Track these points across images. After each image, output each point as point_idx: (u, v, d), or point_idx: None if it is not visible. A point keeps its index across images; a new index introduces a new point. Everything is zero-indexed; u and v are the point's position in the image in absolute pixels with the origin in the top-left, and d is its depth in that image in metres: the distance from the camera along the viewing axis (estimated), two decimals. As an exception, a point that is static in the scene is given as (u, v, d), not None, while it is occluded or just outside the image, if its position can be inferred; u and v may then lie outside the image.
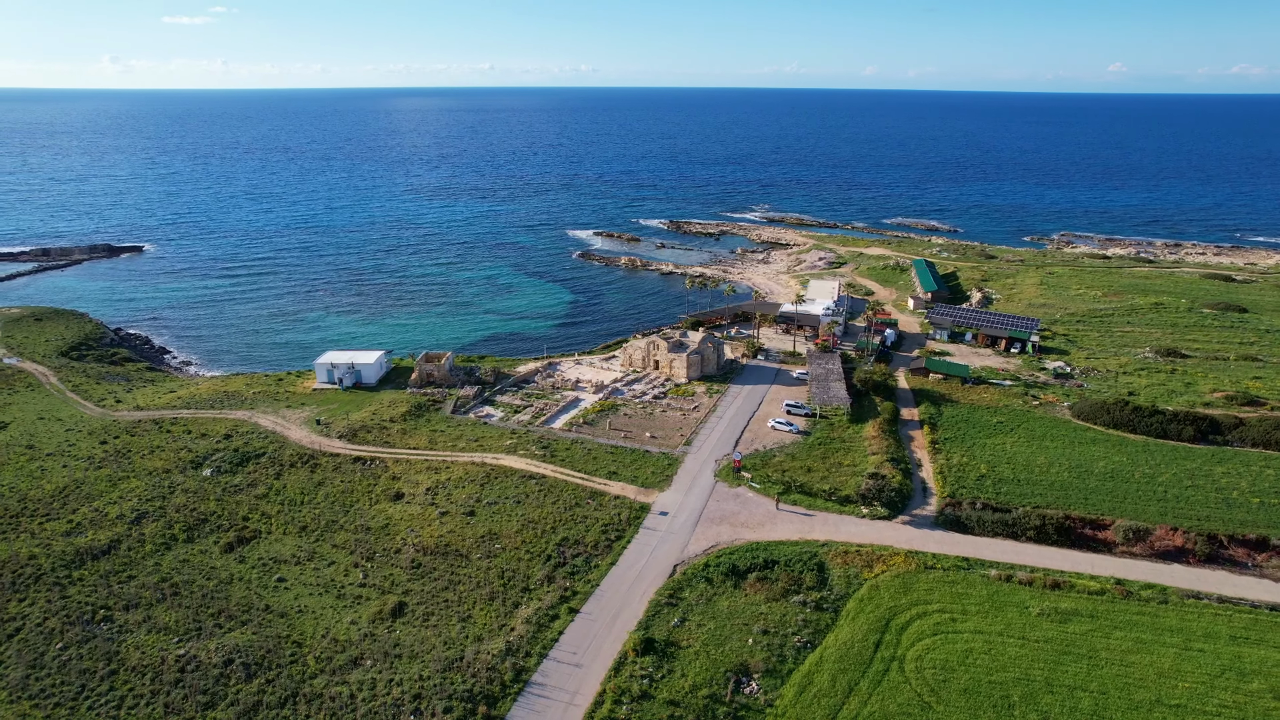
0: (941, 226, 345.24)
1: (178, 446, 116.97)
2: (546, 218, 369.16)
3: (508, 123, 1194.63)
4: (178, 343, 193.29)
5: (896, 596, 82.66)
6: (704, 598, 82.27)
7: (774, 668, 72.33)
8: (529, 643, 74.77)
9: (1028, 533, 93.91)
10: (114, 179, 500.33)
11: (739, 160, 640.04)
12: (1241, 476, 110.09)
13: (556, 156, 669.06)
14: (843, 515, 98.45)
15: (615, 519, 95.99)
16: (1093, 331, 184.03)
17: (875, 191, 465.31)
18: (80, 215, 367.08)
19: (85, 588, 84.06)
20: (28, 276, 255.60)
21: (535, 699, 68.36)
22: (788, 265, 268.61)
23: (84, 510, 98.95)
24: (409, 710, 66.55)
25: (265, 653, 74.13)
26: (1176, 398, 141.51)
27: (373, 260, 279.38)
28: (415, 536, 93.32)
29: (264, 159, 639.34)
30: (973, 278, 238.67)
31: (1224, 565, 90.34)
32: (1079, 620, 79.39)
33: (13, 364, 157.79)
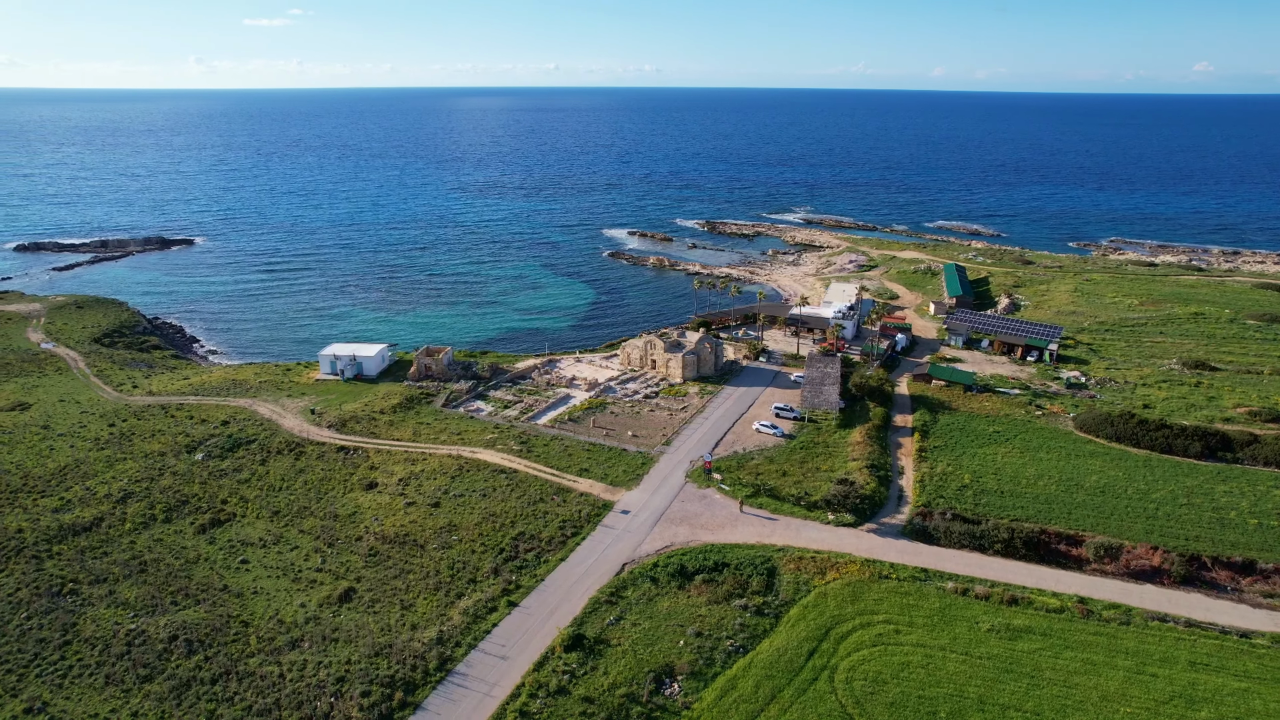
0: (984, 231, 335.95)
1: (177, 431, 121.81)
2: (586, 217, 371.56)
3: (564, 122, 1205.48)
4: (208, 333, 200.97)
5: (843, 605, 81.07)
6: (645, 597, 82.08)
7: (700, 671, 71.77)
8: (461, 633, 75.77)
9: (995, 546, 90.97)
10: (179, 175, 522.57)
11: (789, 161, 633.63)
12: (1244, 496, 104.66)
13: (607, 156, 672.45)
14: (807, 520, 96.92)
15: (575, 516, 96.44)
16: (1120, 341, 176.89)
17: (923, 194, 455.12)
18: (143, 209, 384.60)
19: (61, 562, 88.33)
20: (84, 266, 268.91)
21: (455, 688, 69.27)
22: (816, 268, 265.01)
23: (76, 488, 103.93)
24: (330, 692, 68.18)
25: (211, 630, 76.82)
26: (1195, 411, 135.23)
27: (407, 257, 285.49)
28: (378, 525, 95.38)
29: (322, 156, 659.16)
30: (1004, 283, 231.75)
31: (1201, 588, 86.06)
32: (1030, 638, 76.66)
33: (49, 349, 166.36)
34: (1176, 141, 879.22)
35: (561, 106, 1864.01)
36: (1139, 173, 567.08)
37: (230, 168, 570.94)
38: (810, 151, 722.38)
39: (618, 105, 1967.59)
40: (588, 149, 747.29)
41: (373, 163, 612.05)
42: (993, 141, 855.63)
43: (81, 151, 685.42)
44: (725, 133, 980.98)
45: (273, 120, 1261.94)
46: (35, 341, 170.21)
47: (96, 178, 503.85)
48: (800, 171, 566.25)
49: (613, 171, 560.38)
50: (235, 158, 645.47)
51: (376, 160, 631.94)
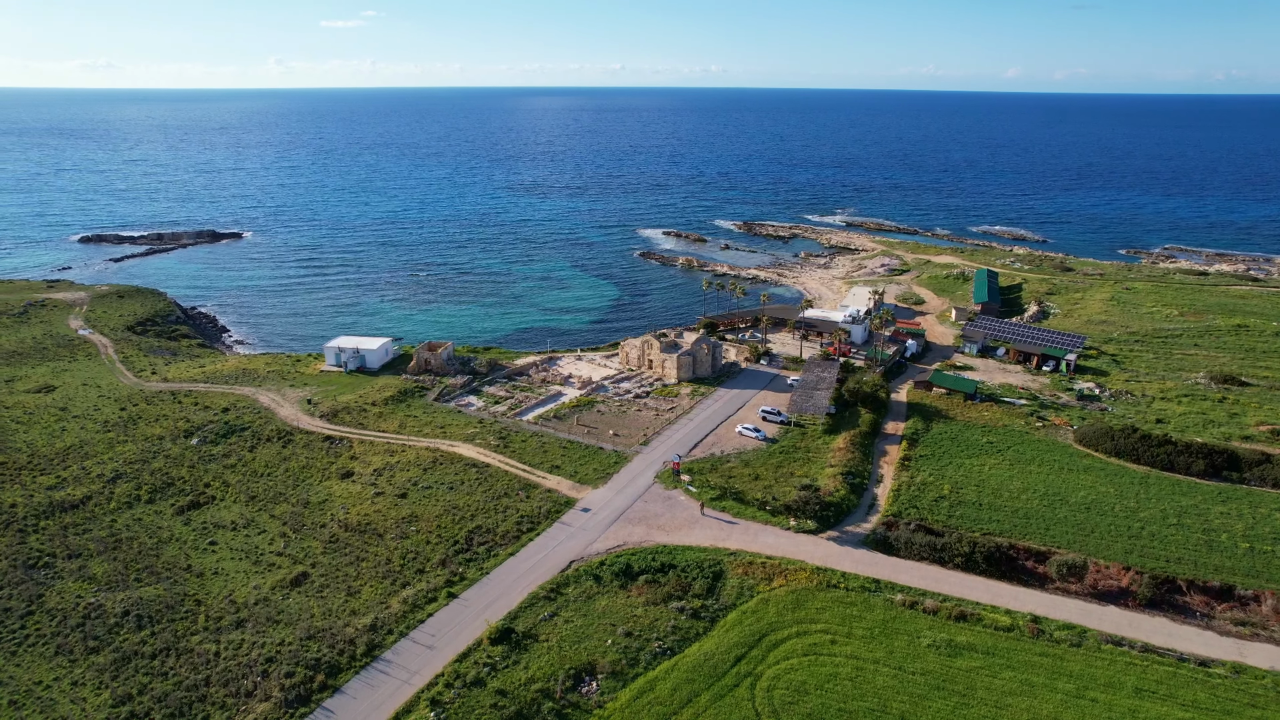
0: (1030, 236, 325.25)
1: (179, 416, 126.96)
2: (626, 217, 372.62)
3: (622, 122, 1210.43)
4: (239, 324, 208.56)
5: (783, 612, 79.90)
6: (585, 595, 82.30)
7: (621, 671, 71.69)
8: (396, 621, 77.26)
9: (955, 559, 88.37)
10: (242, 171, 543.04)
11: (842, 163, 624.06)
12: (1241, 518, 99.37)
13: (659, 157, 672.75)
14: (767, 525, 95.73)
15: (536, 511, 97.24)
16: (1149, 353, 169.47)
17: (974, 198, 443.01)
18: (201, 204, 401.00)
19: (44, 536, 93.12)
20: (138, 258, 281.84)
21: (377, 674, 70.74)
22: (846, 271, 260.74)
23: (74, 468, 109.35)
24: (258, 671, 70.35)
25: (164, 607, 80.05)
26: (1212, 428, 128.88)
27: (442, 254, 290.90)
28: (344, 513, 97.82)
29: (381, 154, 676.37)
30: (1037, 290, 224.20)
31: (1169, 611, 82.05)
32: (971, 655, 74.32)
33: (85, 335, 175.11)
34: (1264, 144, 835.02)
35: (623, 106, 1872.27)
36: (1214, 178, 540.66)
37: (290, 165, 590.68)
38: (865, 154, 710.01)
39: (679, 105, 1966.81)
40: (640, 149, 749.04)
41: (428, 161, 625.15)
42: (1059, 145, 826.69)
43: (157, 149, 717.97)
44: (782, 134, 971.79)
45: (340, 119, 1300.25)
46: (74, 328, 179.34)
47: (165, 174, 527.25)
48: (852, 173, 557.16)
49: (662, 172, 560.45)
50: (297, 155, 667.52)
51: (432, 159, 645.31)
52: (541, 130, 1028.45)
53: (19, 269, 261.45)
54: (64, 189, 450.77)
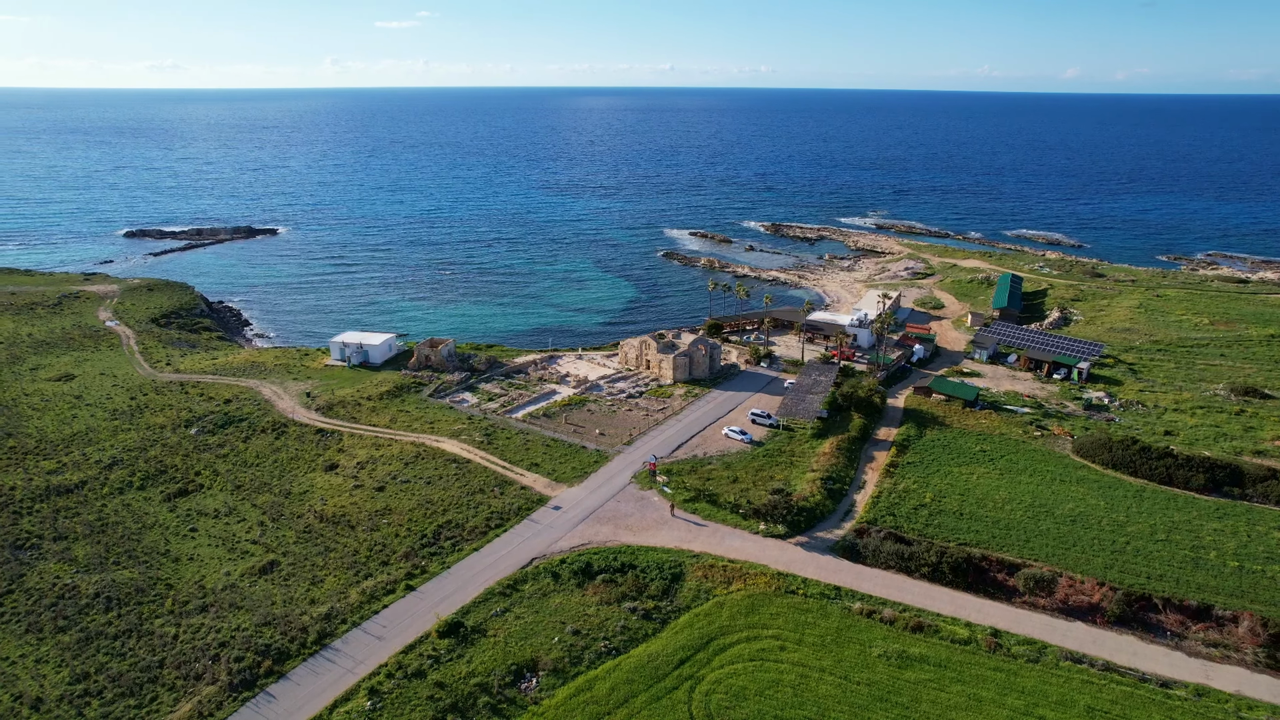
0: (1066, 241, 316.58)
1: (183, 406, 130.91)
2: (655, 217, 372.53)
3: (667, 123, 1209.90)
4: (262, 317, 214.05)
5: (735, 617, 79.32)
6: (541, 592, 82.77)
7: (563, 668, 71.97)
8: (351, 612, 78.69)
9: (922, 569, 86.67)
10: (285, 169, 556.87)
11: (882, 165, 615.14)
12: (1234, 536, 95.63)
13: (698, 157, 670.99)
14: (736, 529, 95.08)
15: (507, 508, 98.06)
16: (1170, 362, 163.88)
17: (1015, 202, 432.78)
18: (243, 201, 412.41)
19: (36, 519, 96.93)
20: (176, 252, 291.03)
21: (323, 662, 72.16)
22: (868, 274, 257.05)
23: (75, 454, 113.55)
24: (210, 655, 72.31)
25: (135, 590, 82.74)
26: (1224, 441, 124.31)
27: (468, 252, 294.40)
28: (322, 504, 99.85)
29: (423, 154, 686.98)
30: (1063, 296, 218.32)
31: (1139, 630, 79.34)
32: (921, 667, 72.89)
33: (111, 326, 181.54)
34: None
35: (669, 107, 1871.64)
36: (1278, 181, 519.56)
37: (334, 162, 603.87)
38: (908, 155, 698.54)
39: (725, 106, 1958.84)
40: (680, 149, 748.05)
41: (467, 160, 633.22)
42: (1112, 147, 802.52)
43: (208, 147, 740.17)
44: (826, 134, 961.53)
45: (389, 118, 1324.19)
46: (102, 319, 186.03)
47: (213, 171, 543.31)
48: (891, 175, 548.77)
49: (699, 173, 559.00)
50: (341, 153, 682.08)
51: (472, 158, 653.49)
52: (584, 130, 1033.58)
53: (65, 262, 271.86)
54: (117, 186, 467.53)
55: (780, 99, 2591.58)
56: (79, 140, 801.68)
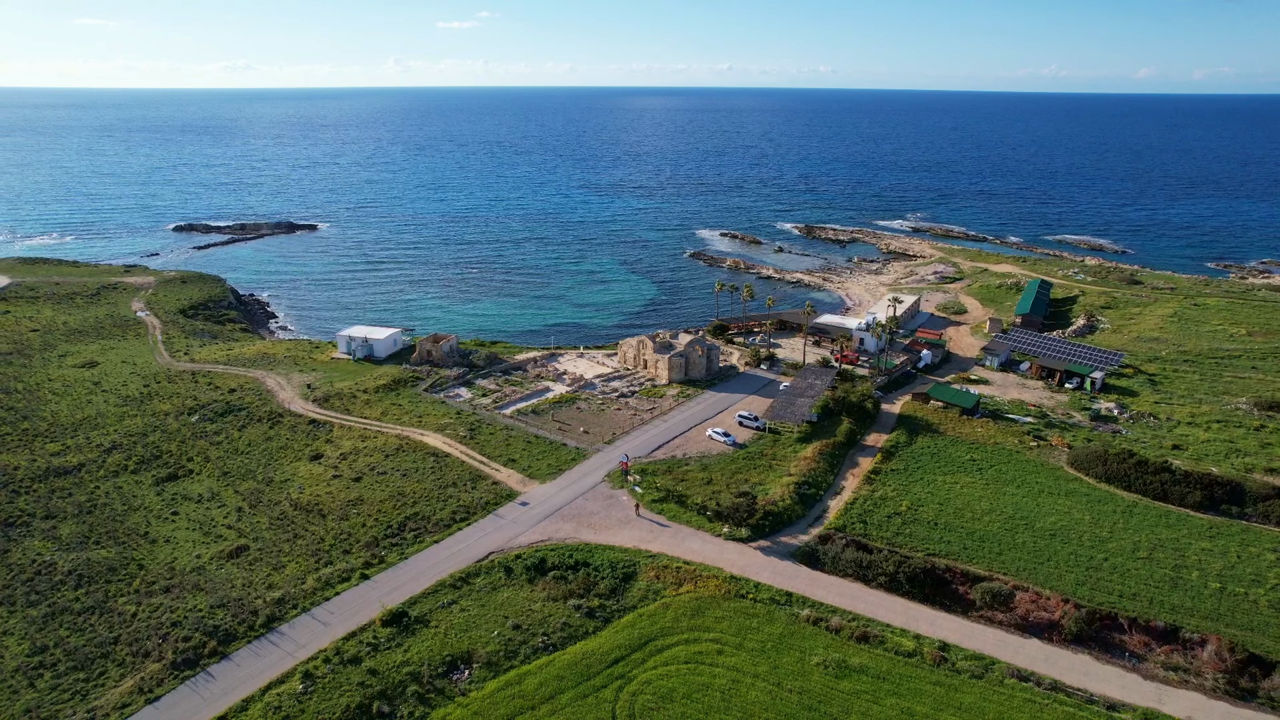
0: (1110, 246, 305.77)
1: (189, 394, 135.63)
2: (689, 218, 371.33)
3: (718, 123, 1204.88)
4: (287, 311, 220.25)
5: (679, 619, 78.95)
6: (491, 586, 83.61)
7: (497, 662, 72.64)
8: (304, 598, 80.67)
9: (879, 578, 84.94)
10: (335, 167, 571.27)
11: (931, 167, 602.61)
12: (1222, 557, 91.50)
13: (744, 158, 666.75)
14: (699, 531, 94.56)
15: (475, 502, 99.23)
16: (1195, 373, 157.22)
17: (1064, 205, 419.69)
18: (291, 197, 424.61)
19: (32, 498, 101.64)
20: (219, 246, 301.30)
21: (267, 645, 74.16)
22: (895, 278, 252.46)
23: (80, 437, 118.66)
24: (160, 634, 74.95)
25: (107, 569, 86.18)
26: (1235, 458, 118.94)
27: (497, 251, 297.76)
28: (299, 493, 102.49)
29: (471, 152, 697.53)
30: (1092, 303, 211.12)
31: (1096, 649, 76.47)
32: (857, 678, 71.54)
33: (142, 316, 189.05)
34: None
35: (724, 107, 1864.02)
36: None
37: (383, 160, 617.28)
38: (959, 158, 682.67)
39: (780, 107, 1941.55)
40: (727, 150, 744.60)
41: (514, 159, 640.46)
42: (1178, 150, 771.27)
43: (265, 144, 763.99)
44: (877, 136, 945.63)
45: (444, 116, 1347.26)
46: (134, 310, 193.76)
47: (268, 168, 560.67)
48: (940, 178, 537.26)
49: (741, 173, 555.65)
50: (393, 151, 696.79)
51: (520, 157, 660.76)
52: (634, 130, 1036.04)
53: (116, 255, 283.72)
54: (174, 181, 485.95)
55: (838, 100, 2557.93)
56: (147, 138, 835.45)
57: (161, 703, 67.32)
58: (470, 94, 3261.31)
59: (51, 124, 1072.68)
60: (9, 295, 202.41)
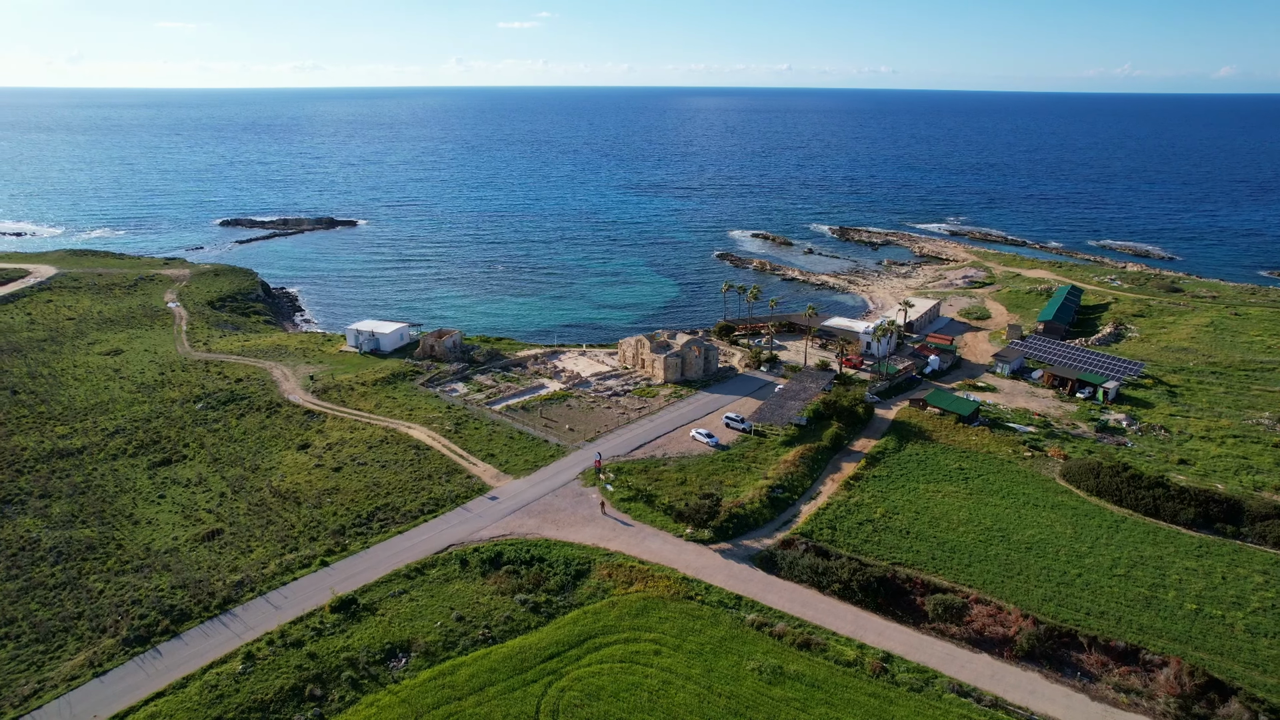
0: (1156, 253, 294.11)
1: (198, 383, 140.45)
2: (725, 218, 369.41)
3: (770, 124, 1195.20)
4: (314, 305, 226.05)
5: (623, 617, 78.94)
6: (444, 578, 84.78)
7: (435, 652, 73.69)
8: (263, 581, 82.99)
9: (833, 585, 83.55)
10: (383, 165, 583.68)
11: (983, 169, 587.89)
12: (1206, 577, 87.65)
13: (790, 159, 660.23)
14: (662, 531, 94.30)
15: (446, 495, 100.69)
16: (1220, 386, 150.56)
17: (1117, 210, 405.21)
18: (336, 193, 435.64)
19: (33, 477, 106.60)
20: (260, 241, 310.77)
21: (218, 625, 76.56)
22: (922, 281, 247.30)
23: (88, 421, 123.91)
24: (119, 613, 77.95)
25: (86, 548, 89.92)
26: (1246, 475, 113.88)
27: (526, 249, 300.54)
28: (281, 481, 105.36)
29: (519, 151, 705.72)
30: (1125, 311, 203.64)
31: (1048, 667, 73.94)
32: (791, 685, 70.58)
33: (172, 307, 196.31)
34: None
35: (779, 108, 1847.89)
36: None
37: (431, 158, 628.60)
38: (1014, 160, 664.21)
39: (837, 107, 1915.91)
40: (774, 150, 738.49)
41: (559, 158, 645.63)
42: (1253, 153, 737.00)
43: (320, 142, 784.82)
44: (932, 137, 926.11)
45: (499, 115, 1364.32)
46: (166, 301, 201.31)
47: (319, 165, 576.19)
48: (989, 180, 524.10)
49: (786, 174, 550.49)
50: (442, 149, 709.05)
51: (565, 156, 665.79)
52: (683, 130, 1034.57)
53: (164, 248, 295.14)
54: (229, 178, 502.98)
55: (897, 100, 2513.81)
56: (210, 136, 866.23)
57: (108, 676, 70.10)
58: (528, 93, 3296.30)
59: (127, 123, 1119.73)
60: (53, 285, 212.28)
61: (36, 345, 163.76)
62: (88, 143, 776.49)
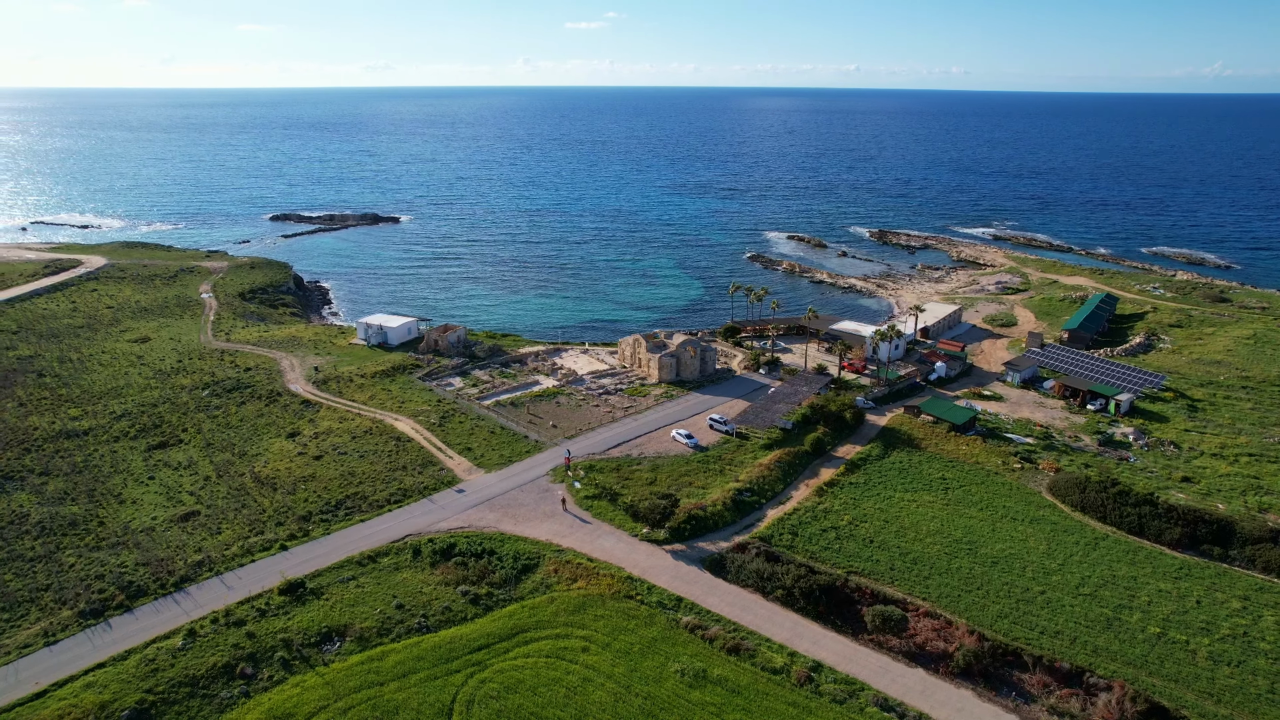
0: (1211, 261, 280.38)
1: (209, 370, 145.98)
2: (764, 220, 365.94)
3: (830, 125, 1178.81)
4: (344, 299, 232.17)
5: (559, 613, 79.35)
6: (394, 566, 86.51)
7: (369, 637, 75.32)
8: (222, 562, 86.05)
9: (776, 591, 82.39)
10: (435, 163, 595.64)
11: (1043, 173, 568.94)
12: (1179, 600, 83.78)
13: (844, 161, 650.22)
14: (619, 530, 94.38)
15: (415, 487, 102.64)
16: (1248, 402, 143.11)
17: (1177, 216, 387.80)
18: (386, 190, 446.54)
19: (38, 455, 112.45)
20: (305, 236, 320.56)
21: (170, 603, 79.68)
22: (953, 287, 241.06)
23: (99, 404, 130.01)
24: (82, 586, 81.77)
25: (69, 524, 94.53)
26: (1254, 495, 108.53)
27: (558, 249, 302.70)
28: (264, 467, 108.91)
29: (572, 150, 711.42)
30: (1161, 321, 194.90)
31: (982, 685, 71.52)
32: (712, 689, 69.97)
33: (205, 298, 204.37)
34: None
35: (844, 109, 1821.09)
36: None
37: (483, 157, 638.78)
38: (1078, 164, 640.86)
39: (902, 109, 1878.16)
40: (828, 152, 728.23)
41: (610, 158, 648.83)
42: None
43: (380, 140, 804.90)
44: (997, 140, 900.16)
45: (559, 115, 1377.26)
46: (200, 292, 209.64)
47: (374, 163, 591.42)
48: (1048, 184, 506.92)
49: (835, 176, 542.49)
50: (497, 148, 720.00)
51: (616, 156, 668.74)
52: (741, 130, 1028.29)
53: (215, 241, 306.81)
54: (287, 174, 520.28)
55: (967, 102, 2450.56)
56: (276, 134, 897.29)
57: (58, 646, 73.68)
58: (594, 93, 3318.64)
59: (203, 122, 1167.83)
60: (101, 275, 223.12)
61: (73, 331, 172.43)
62: (164, 140, 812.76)
